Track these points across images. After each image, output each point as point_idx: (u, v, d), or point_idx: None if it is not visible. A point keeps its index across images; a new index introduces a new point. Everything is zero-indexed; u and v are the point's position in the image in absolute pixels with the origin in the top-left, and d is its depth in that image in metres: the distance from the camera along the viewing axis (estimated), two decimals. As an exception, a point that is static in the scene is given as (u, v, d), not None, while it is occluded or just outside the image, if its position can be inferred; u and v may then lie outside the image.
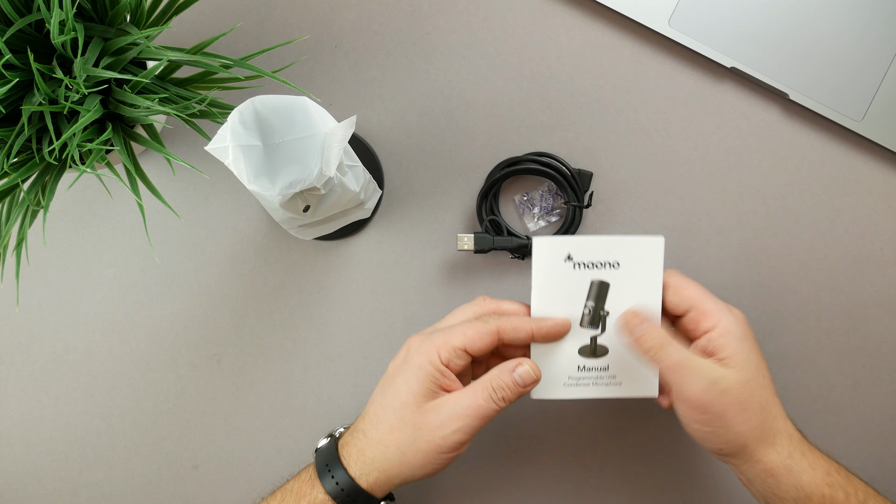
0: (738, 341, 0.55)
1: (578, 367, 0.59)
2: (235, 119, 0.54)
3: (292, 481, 0.58)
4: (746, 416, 0.54)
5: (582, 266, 0.58)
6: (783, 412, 0.56)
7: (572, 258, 0.58)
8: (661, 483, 0.67)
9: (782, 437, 0.55)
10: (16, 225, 0.65)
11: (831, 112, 0.67)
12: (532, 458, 0.67)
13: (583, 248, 0.58)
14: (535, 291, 0.58)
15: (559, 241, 0.58)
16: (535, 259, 0.58)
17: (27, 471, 0.68)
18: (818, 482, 0.55)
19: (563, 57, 0.69)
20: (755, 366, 0.55)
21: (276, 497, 0.58)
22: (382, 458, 0.55)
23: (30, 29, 0.55)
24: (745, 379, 0.54)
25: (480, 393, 0.55)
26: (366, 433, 0.56)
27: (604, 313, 0.58)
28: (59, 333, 0.69)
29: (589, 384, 0.59)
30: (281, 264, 0.69)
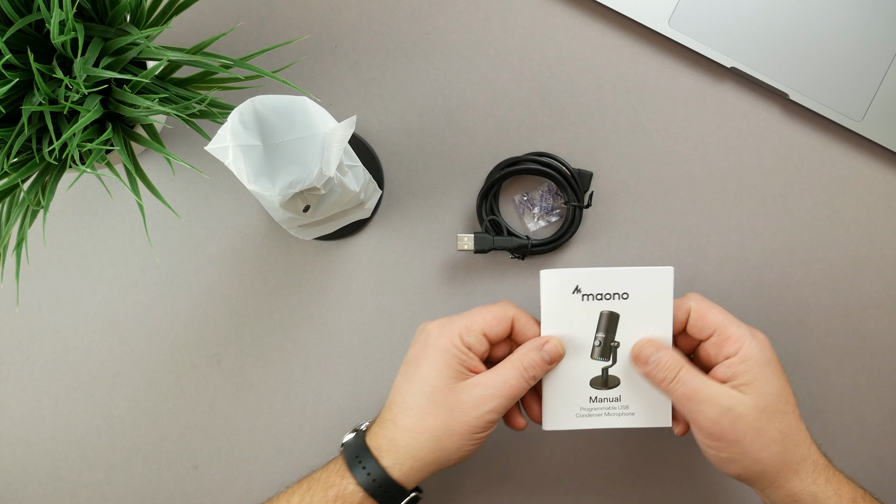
0: (759, 367, 0.54)
1: (590, 398, 0.59)
2: (235, 119, 0.53)
3: (320, 471, 0.57)
4: (764, 442, 0.54)
5: (591, 298, 0.57)
6: (808, 438, 0.56)
7: (580, 290, 0.57)
8: (661, 483, 0.67)
9: (806, 463, 0.55)
10: (16, 225, 0.65)
11: (831, 112, 0.67)
12: (532, 458, 0.67)
13: (591, 280, 0.57)
14: (544, 323, 0.58)
15: (566, 274, 0.57)
16: (543, 291, 0.58)
17: (27, 471, 0.68)
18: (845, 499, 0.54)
19: (563, 57, 0.69)
20: (776, 392, 0.54)
21: (302, 486, 0.57)
22: (416, 445, 0.55)
23: (30, 29, 0.55)
24: (763, 405, 0.54)
25: (511, 372, 0.55)
26: (396, 422, 0.56)
27: (614, 344, 0.58)
28: (59, 333, 0.69)
29: (601, 414, 0.59)
30: (281, 264, 0.69)
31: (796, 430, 0.55)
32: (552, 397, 0.59)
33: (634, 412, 0.59)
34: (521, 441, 0.67)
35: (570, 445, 0.67)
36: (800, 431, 0.55)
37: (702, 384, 0.54)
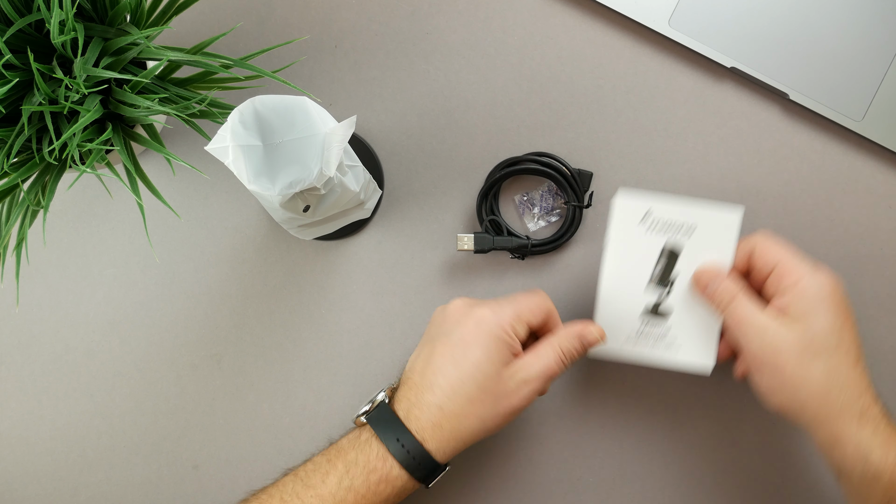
0: (813, 302, 0.54)
1: (640, 326, 0.60)
2: (235, 119, 0.54)
3: (353, 451, 0.56)
4: (805, 376, 0.54)
5: (658, 226, 0.59)
6: (861, 384, 0.54)
7: (650, 216, 0.59)
8: (662, 483, 0.67)
9: (853, 409, 0.53)
10: (16, 225, 0.65)
11: (831, 112, 0.67)
12: (532, 458, 0.67)
13: (662, 209, 0.59)
14: (610, 244, 0.60)
15: (641, 198, 0.59)
16: (615, 212, 0.60)
17: (27, 471, 0.68)
18: (891, 462, 0.53)
19: (563, 57, 0.69)
20: (827, 329, 0.54)
21: (337, 467, 0.56)
22: (462, 428, 0.56)
23: (30, 29, 0.55)
24: (809, 340, 0.54)
25: (552, 356, 0.57)
26: (442, 408, 0.56)
27: (673, 276, 0.59)
28: (59, 333, 0.69)
29: (648, 345, 0.61)
30: (281, 264, 0.69)
31: (847, 372, 0.54)
32: (604, 322, 0.60)
33: (681, 346, 0.60)
34: (522, 441, 0.67)
35: (571, 445, 0.67)
36: (852, 376, 0.54)
37: (749, 314, 0.56)
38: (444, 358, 0.57)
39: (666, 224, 0.59)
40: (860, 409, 0.54)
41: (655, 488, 0.67)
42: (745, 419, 0.67)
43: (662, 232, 0.59)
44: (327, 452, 0.58)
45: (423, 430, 0.56)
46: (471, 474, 0.67)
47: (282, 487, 0.57)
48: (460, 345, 0.57)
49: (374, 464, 0.56)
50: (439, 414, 0.56)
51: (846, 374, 0.54)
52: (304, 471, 0.57)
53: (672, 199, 0.59)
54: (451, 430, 0.56)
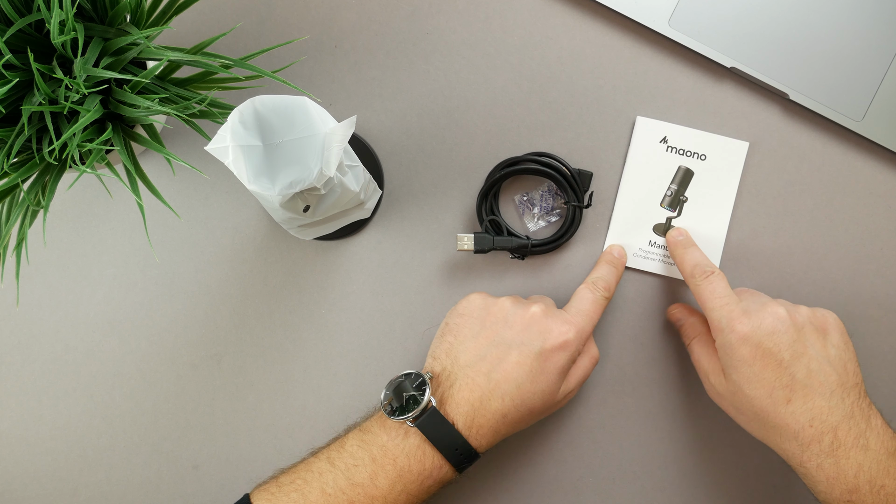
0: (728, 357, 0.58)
1: (650, 242, 0.67)
2: (235, 119, 0.53)
3: (403, 457, 0.56)
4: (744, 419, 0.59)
5: (673, 151, 0.66)
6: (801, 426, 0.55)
7: (667, 141, 0.65)
8: (661, 483, 0.67)
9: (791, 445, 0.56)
10: (16, 225, 0.65)
11: (831, 112, 0.67)
12: (532, 459, 0.67)
13: (678, 135, 0.66)
14: (628, 164, 0.67)
15: (659, 123, 0.67)
16: (635, 135, 0.67)
17: (27, 471, 0.68)
18: (835, 496, 0.55)
19: (563, 57, 0.69)
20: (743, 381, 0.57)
21: (386, 470, 0.56)
22: (514, 430, 0.59)
23: (30, 29, 0.55)
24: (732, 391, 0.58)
25: (587, 366, 0.62)
26: (506, 416, 0.57)
27: (683, 198, 0.65)
28: (59, 333, 0.69)
29: (655, 260, 0.67)
30: (281, 264, 0.69)
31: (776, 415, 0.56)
32: (616, 232, 0.67)
33: None
34: (521, 441, 0.67)
35: (571, 445, 0.67)
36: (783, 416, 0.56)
37: (700, 357, 0.62)
38: (522, 368, 0.57)
39: (681, 150, 0.66)
40: (798, 447, 0.55)
41: (655, 488, 0.67)
42: (745, 419, 0.67)
43: (677, 156, 0.66)
44: (367, 447, 0.57)
45: (483, 437, 0.57)
46: (471, 474, 0.67)
47: (319, 476, 0.57)
48: (540, 361, 0.58)
49: (429, 471, 0.57)
50: (502, 421, 0.57)
51: (774, 418, 0.56)
52: (343, 462, 0.57)
53: (687, 127, 0.67)
54: (507, 432, 0.59)
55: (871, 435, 0.55)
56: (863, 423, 0.55)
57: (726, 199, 0.67)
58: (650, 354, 0.67)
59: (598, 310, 0.62)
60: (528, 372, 0.57)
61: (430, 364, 0.60)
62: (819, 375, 0.56)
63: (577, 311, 0.61)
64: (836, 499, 0.54)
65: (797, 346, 0.56)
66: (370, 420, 0.59)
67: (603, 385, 0.67)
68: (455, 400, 0.57)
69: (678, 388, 0.67)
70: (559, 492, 0.67)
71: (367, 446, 0.57)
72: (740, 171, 0.67)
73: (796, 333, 0.56)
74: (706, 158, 0.67)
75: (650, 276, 0.67)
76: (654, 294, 0.67)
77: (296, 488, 0.57)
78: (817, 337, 0.57)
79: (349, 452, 0.57)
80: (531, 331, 0.58)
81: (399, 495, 0.56)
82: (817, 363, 0.56)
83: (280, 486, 0.57)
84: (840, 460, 0.54)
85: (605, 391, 0.67)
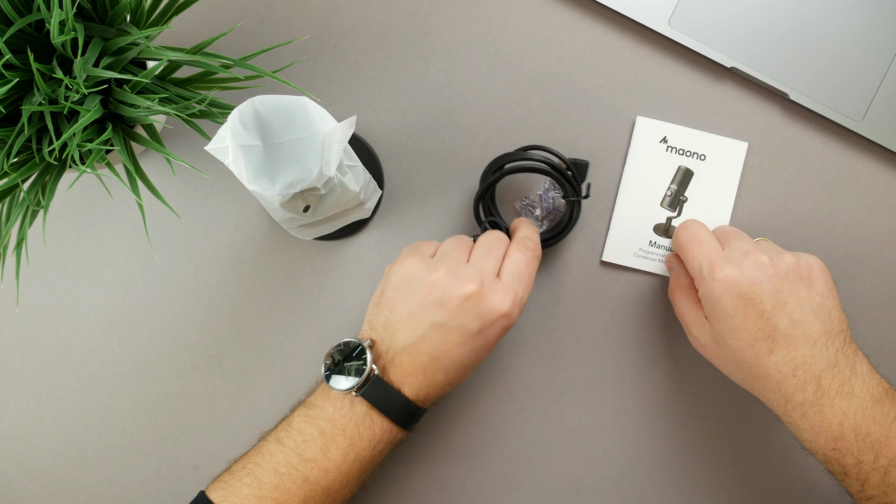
0: (710, 307, 0.57)
1: (650, 242, 0.67)
2: (235, 119, 0.53)
3: (353, 426, 0.57)
4: (727, 369, 0.59)
5: (673, 151, 0.66)
6: (783, 377, 0.55)
7: (667, 141, 0.66)
8: (661, 483, 0.67)
9: (776, 395, 0.56)
10: (16, 225, 0.65)
11: (831, 112, 0.67)
12: (532, 459, 0.67)
13: (678, 135, 0.67)
14: (628, 164, 0.67)
15: (659, 123, 0.67)
16: (635, 135, 0.67)
17: (27, 471, 0.68)
18: (820, 445, 0.54)
19: (563, 57, 0.69)
20: (725, 331, 0.57)
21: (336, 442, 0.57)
22: (452, 386, 0.60)
23: (30, 29, 0.55)
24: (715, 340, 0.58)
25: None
26: (451, 384, 0.59)
27: (683, 198, 0.65)
28: (59, 333, 0.68)
29: (655, 260, 0.67)
30: (281, 264, 0.68)
31: (759, 364, 0.56)
32: (617, 232, 0.67)
33: None
34: (522, 441, 0.67)
35: (571, 445, 0.67)
36: (766, 366, 0.55)
37: (682, 307, 0.61)
38: (463, 349, 0.57)
39: (681, 150, 0.66)
40: (781, 397, 0.55)
41: (655, 488, 0.67)
42: (745, 419, 0.67)
43: (677, 156, 0.66)
44: (314, 421, 0.58)
45: (428, 399, 0.59)
46: (471, 474, 0.67)
47: (270, 457, 0.57)
48: (481, 338, 0.57)
49: (380, 436, 0.58)
50: (447, 388, 0.59)
51: (756, 368, 0.56)
52: (292, 440, 0.58)
53: (687, 127, 0.67)
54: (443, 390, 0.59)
55: (855, 382, 0.54)
56: (847, 370, 0.54)
57: (726, 198, 0.67)
58: (650, 354, 0.67)
59: (533, 272, 0.60)
60: (469, 350, 0.58)
61: (367, 332, 0.60)
62: (802, 325, 0.55)
63: (513, 278, 0.58)
64: (821, 447, 0.54)
65: (780, 296, 0.55)
66: (314, 395, 0.60)
67: (603, 385, 0.67)
68: (398, 372, 0.58)
69: (678, 388, 0.67)
70: (559, 492, 0.67)
71: (314, 421, 0.58)
72: (740, 171, 0.67)
73: (779, 282, 0.56)
74: (706, 158, 0.67)
75: (650, 276, 0.67)
76: (654, 294, 0.67)
77: (248, 472, 0.57)
78: (801, 285, 0.56)
79: (297, 430, 0.58)
80: (469, 312, 0.57)
81: (353, 464, 0.57)
82: (800, 312, 0.55)
83: (233, 474, 0.58)
84: (824, 409, 0.54)
85: (605, 391, 0.67)
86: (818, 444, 0.55)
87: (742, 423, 0.67)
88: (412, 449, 0.67)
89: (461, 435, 0.67)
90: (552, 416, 0.67)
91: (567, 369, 0.67)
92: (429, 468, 0.67)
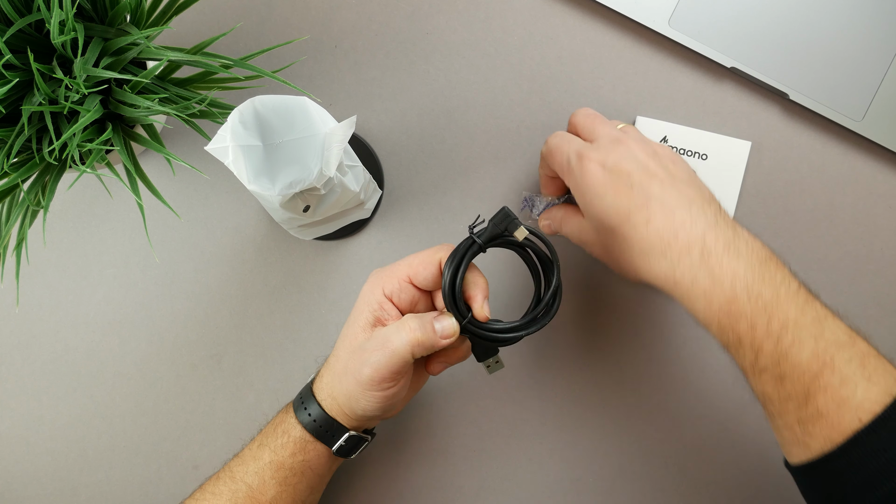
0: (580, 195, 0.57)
1: None
2: (235, 119, 0.53)
3: (272, 423, 0.60)
4: (612, 255, 0.57)
5: (674, 150, 0.65)
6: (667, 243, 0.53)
7: (667, 140, 0.65)
8: (661, 483, 0.67)
9: (664, 261, 0.53)
10: (16, 225, 0.65)
11: (831, 112, 0.67)
12: (532, 458, 0.67)
13: (679, 134, 0.66)
14: None
15: (658, 124, 0.67)
16: None
17: (27, 471, 0.68)
18: (714, 311, 0.52)
19: (563, 57, 0.69)
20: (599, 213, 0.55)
21: (260, 433, 0.60)
22: (339, 389, 0.56)
23: (30, 29, 0.55)
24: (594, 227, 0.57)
25: (399, 339, 0.54)
26: (330, 367, 0.58)
27: None
28: (59, 333, 0.69)
29: None
30: (281, 264, 0.69)
31: (641, 237, 0.54)
32: None
33: None
34: (522, 441, 0.67)
35: (571, 445, 0.67)
36: (647, 237, 0.53)
37: (571, 228, 0.60)
38: (345, 327, 0.58)
39: (682, 150, 0.66)
40: (668, 264, 0.53)
41: (655, 488, 0.67)
42: (745, 419, 0.67)
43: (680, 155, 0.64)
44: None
45: (321, 390, 0.58)
46: (471, 474, 0.67)
47: (222, 469, 0.60)
48: (352, 315, 0.57)
49: (279, 418, 0.59)
50: (330, 373, 0.57)
51: (640, 241, 0.54)
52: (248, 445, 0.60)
53: (688, 127, 0.66)
54: (332, 388, 0.57)
55: (739, 242, 0.52)
56: (729, 231, 0.53)
57: (729, 198, 0.67)
58: (650, 354, 0.67)
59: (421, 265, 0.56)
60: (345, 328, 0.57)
61: None
62: (675, 189, 0.54)
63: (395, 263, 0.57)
64: (714, 314, 0.52)
65: (648, 169, 0.55)
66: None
67: (603, 385, 0.67)
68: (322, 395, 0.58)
69: (678, 387, 0.67)
70: (559, 492, 0.67)
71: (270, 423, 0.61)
72: (743, 171, 0.67)
73: (646, 158, 0.55)
74: (707, 158, 0.67)
75: (650, 276, 0.67)
76: (655, 294, 0.67)
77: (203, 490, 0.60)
78: (668, 161, 0.56)
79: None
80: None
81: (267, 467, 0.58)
82: (670, 181, 0.55)
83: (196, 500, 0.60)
84: (714, 269, 0.52)
85: (605, 391, 0.67)
86: (711, 311, 0.52)
87: (742, 423, 0.67)
88: (412, 449, 0.67)
89: (461, 435, 0.67)
90: (552, 416, 0.67)
91: (567, 369, 0.67)
92: (429, 468, 0.67)
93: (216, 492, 0.58)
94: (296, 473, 0.58)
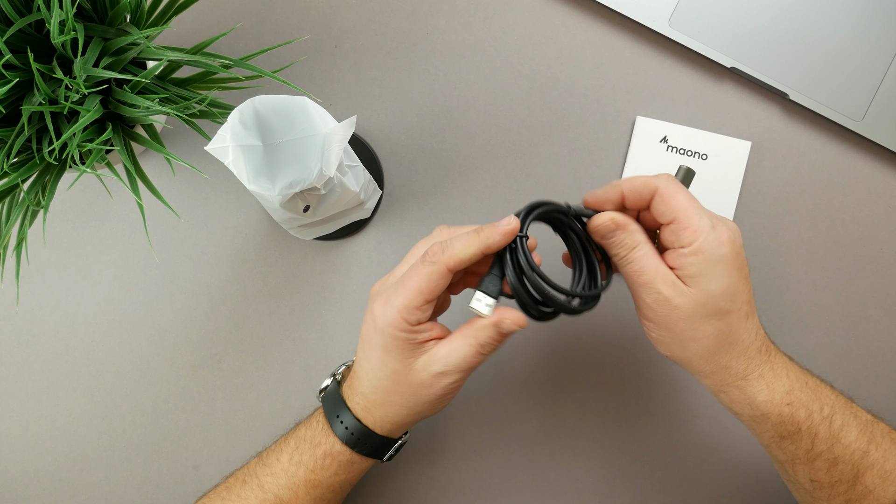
0: (709, 263, 0.52)
1: None
2: (235, 119, 0.53)
3: (304, 428, 0.59)
4: (695, 335, 0.53)
5: (674, 150, 0.67)
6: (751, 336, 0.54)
7: (667, 141, 0.66)
8: (661, 483, 0.67)
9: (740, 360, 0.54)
10: (16, 225, 0.65)
11: (831, 112, 0.67)
12: (532, 458, 0.67)
13: (679, 135, 0.67)
14: (629, 164, 0.67)
15: (659, 123, 0.67)
16: (636, 135, 0.67)
17: (27, 471, 0.68)
18: (777, 401, 0.54)
19: (563, 57, 0.69)
20: (722, 290, 0.52)
21: (289, 444, 0.58)
22: (390, 414, 0.56)
23: (30, 29, 0.55)
24: (703, 301, 0.52)
25: (467, 350, 0.53)
26: (366, 396, 0.56)
27: None
28: (59, 333, 0.68)
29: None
30: (281, 264, 0.68)
31: (738, 329, 0.53)
32: None
33: None
34: (522, 441, 0.67)
35: (571, 445, 0.67)
36: (742, 330, 0.54)
37: (649, 266, 0.53)
38: (363, 351, 0.56)
39: (682, 149, 0.67)
40: (746, 360, 0.54)
41: (655, 488, 0.67)
42: (745, 419, 0.67)
43: (678, 155, 0.67)
44: (287, 433, 0.60)
45: (357, 408, 0.57)
46: (470, 475, 0.67)
47: (246, 470, 0.59)
48: (367, 341, 0.56)
49: (318, 438, 0.57)
50: (365, 401, 0.57)
51: (737, 330, 0.54)
52: (266, 452, 0.60)
53: (688, 127, 0.66)
54: (382, 415, 0.56)
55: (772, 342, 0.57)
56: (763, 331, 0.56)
57: (729, 198, 0.67)
58: (650, 354, 0.67)
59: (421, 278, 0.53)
60: (363, 353, 0.56)
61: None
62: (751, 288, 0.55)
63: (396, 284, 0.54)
64: (776, 404, 0.54)
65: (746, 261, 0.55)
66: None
67: (603, 385, 0.67)
68: (346, 376, 0.59)
69: (678, 388, 0.67)
70: (559, 492, 0.67)
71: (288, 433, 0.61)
72: (743, 171, 0.67)
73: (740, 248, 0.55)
74: (707, 158, 0.67)
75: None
76: (654, 294, 0.67)
77: (227, 485, 0.59)
78: None
79: (275, 442, 0.60)
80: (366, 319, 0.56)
81: (297, 468, 0.57)
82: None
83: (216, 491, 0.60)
84: (775, 366, 0.55)
85: (605, 391, 0.67)
86: (774, 402, 0.53)
87: (742, 423, 0.67)
88: (412, 449, 0.67)
89: (461, 435, 0.67)
90: (552, 416, 0.67)
91: (567, 369, 0.67)
92: (429, 468, 0.67)
93: (243, 496, 0.58)
94: (334, 491, 0.58)
